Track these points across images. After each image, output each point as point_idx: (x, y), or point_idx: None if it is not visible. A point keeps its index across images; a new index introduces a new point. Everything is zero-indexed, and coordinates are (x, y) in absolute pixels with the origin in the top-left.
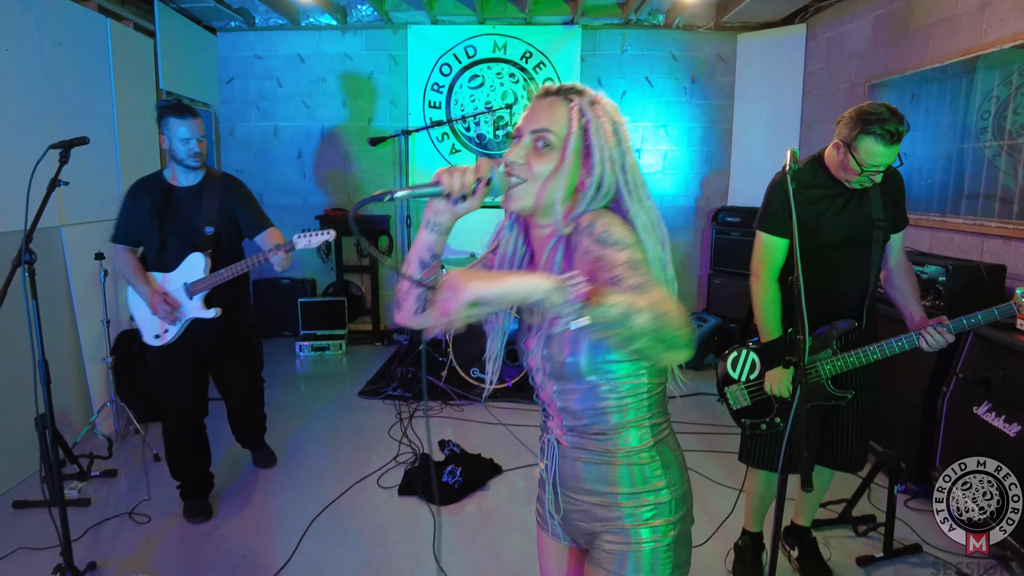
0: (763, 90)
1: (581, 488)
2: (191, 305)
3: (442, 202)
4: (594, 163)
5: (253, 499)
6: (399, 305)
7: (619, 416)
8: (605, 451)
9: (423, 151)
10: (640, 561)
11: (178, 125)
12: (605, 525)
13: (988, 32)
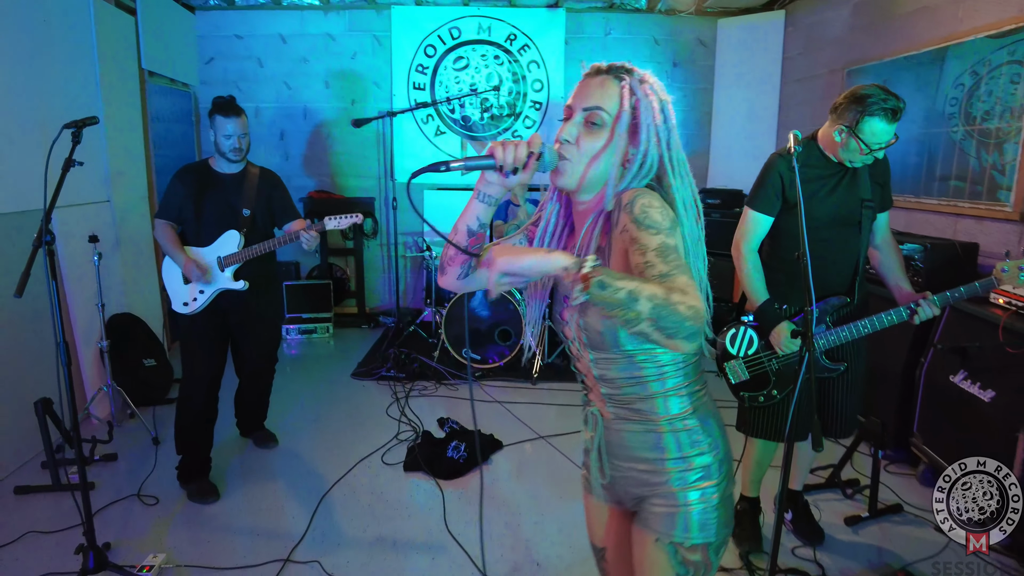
0: (742, 75)
1: (628, 456)
2: (222, 277)
3: (494, 174)
4: (641, 140)
5: (258, 479)
6: (443, 270)
7: (658, 385)
8: (647, 420)
9: (408, 133)
10: (689, 522)
11: (224, 123)
12: (654, 489)
13: (964, 21)
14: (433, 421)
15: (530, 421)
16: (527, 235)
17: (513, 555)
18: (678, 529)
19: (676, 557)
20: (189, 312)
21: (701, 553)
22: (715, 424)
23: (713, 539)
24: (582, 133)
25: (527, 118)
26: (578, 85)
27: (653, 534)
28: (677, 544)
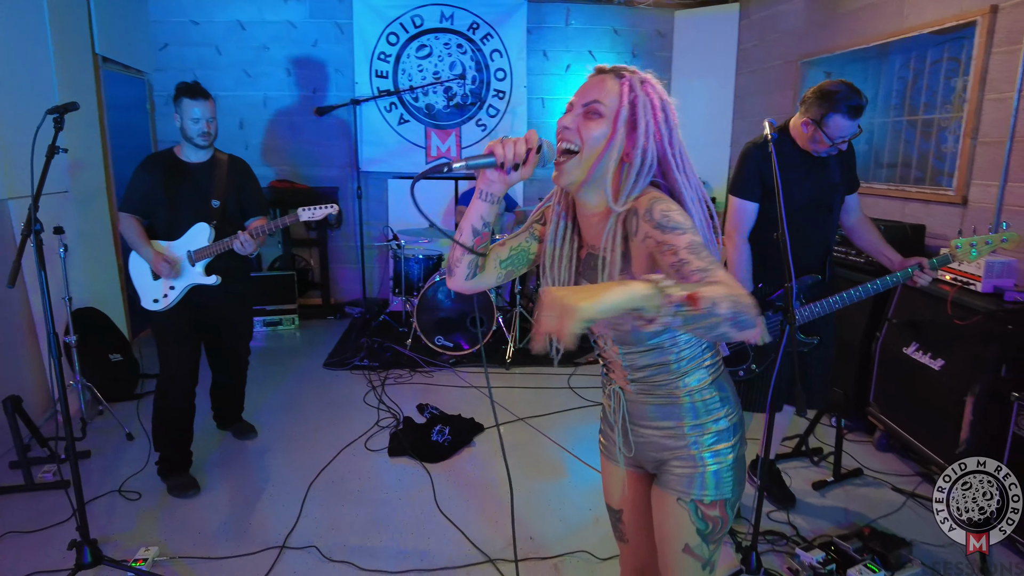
0: (699, 66)
1: (649, 424)
2: (192, 272)
3: (495, 172)
4: (639, 134)
5: (241, 470)
6: (451, 271)
7: (680, 364)
8: (669, 394)
9: (371, 121)
10: (707, 481)
11: (191, 106)
12: (673, 453)
13: (908, 18)
14: (411, 408)
15: (508, 404)
16: (535, 234)
17: (506, 531)
18: (697, 488)
19: (697, 513)
20: (160, 309)
21: (719, 509)
22: (729, 392)
23: (729, 496)
24: (581, 122)
25: (491, 107)
26: (580, 86)
27: (675, 494)
28: (697, 502)
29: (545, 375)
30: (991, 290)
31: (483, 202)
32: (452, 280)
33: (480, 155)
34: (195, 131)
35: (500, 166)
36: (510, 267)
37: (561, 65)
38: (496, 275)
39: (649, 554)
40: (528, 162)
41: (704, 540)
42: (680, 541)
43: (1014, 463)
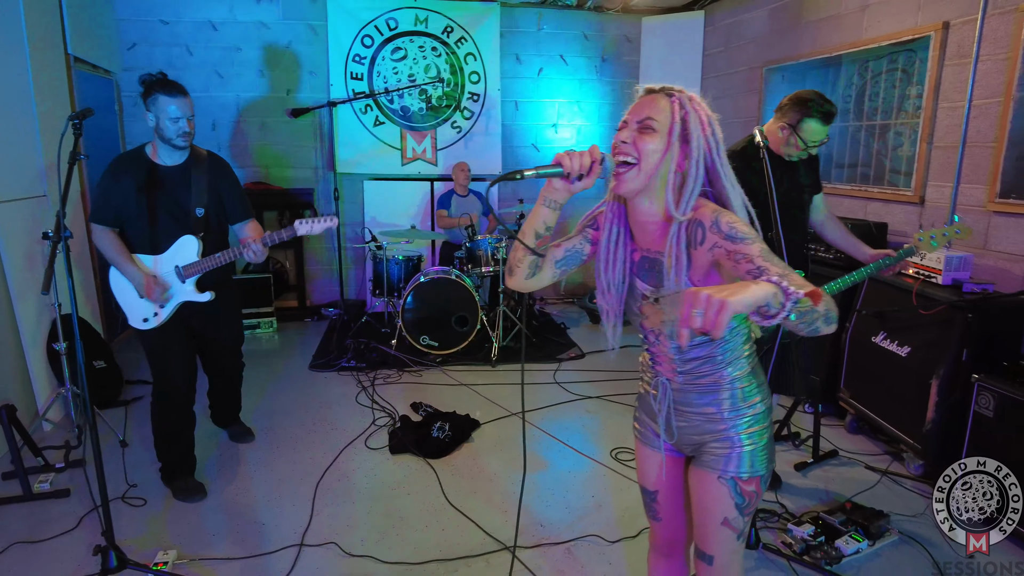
0: (665, 70)
1: (692, 410)
2: (183, 288)
3: (560, 181)
4: (693, 147)
5: (243, 472)
6: (512, 271)
7: (724, 356)
8: (713, 383)
9: (346, 123)
10: (744, 460)
11: (168, 103)
12: (714, 435)
13: (868, 30)
14: (405, 407)
15: (498, 400)
16: (588, 238)
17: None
18: (736, 466)
19: (736, 489)
20: (150, 327)
21: (754, 485)
22: (763, 378)
23: (762, 472)
24: (637, 137)
25: (466, 109)
26: (632, 105)
27: (715, 472)
28: (736, 478)
29: (530, 371)
30: (950, 282)
31: (546, 208)
32: (512, 280)
33: (548, 165)
34: (174, 131)
35: (566, 176)
36: (564, 267)
37: (533, 69)
38: (552, 274)
39: (680, 529)
40: (591, 173)
41: (741, 513)
42: (720, 515)
43: (975, 438)
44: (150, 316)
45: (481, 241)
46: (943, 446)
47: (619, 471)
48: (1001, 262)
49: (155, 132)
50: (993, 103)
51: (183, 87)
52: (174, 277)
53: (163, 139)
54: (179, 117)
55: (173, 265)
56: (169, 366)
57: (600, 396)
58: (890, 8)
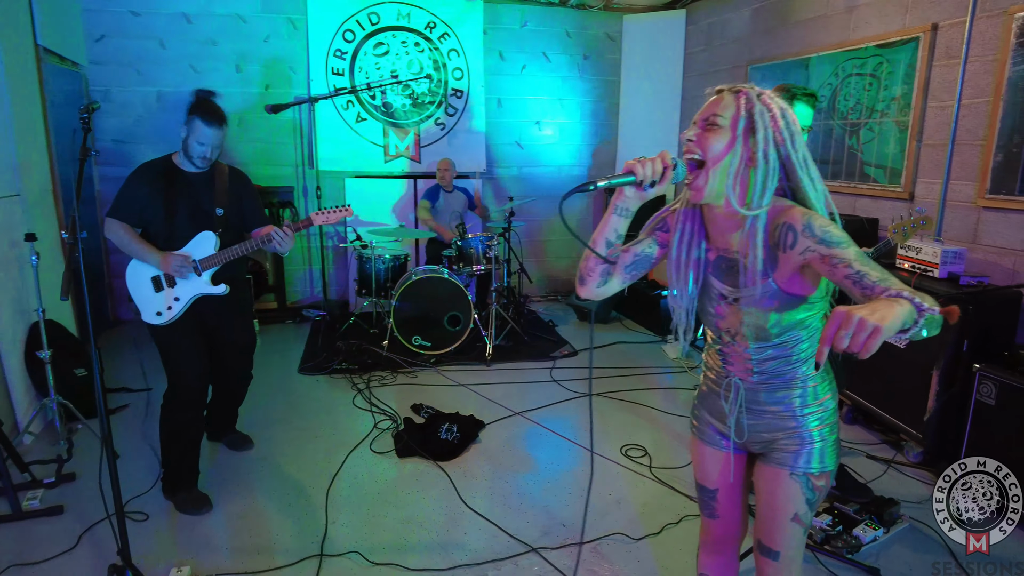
0: (647, 68)
1: (764, 410)
2: (199, 281)
3: (632, 189)
4: (759, 139)
5: (247, 482)
6: (583, 280)
7: (799, 356)
8: (785, 383)
9: (327, 119)
10: (812, 455)
11: (203, 130)
12: (785, 433)
13: (855, 31)
14: (403, 409)
15: (499, 400)
16: (657, 240)
17: (537, 520)
18: (808, 462)
19: (808, 484)
20: (164, 322)
21: (825, 479)
22: (832, 378)
23: (831, 467)
24: (702, 134)
25: (450, 106)
26: (703, 106)
27: (788, 468)
28: (808, 474)
29: (525, 370)
30: (946, 275)
31: (618, 216)
32: (584, 289)
33: (619, 174)
34: (197, 153)
35: (639, 184)
36: (634, 271)
37: (517, 65)
38: (621, 280)
39: (735, 526)
40: (664, 179)
41: (810, 508)
42: (791, 511)
43: (976, 426)
44: (163, 310)
45: (472, 240)
46: (943, 435)
47: (631, 468)
48: (991, 256)
49: (183, 143)
50: (982, 103)
51: (223, 117)
52: (192, 271)
53: (186, 154)
54: (207, 144)
55: (192, 259)
56: (183, 363)
57: (600, 393)
58: (877, 10)
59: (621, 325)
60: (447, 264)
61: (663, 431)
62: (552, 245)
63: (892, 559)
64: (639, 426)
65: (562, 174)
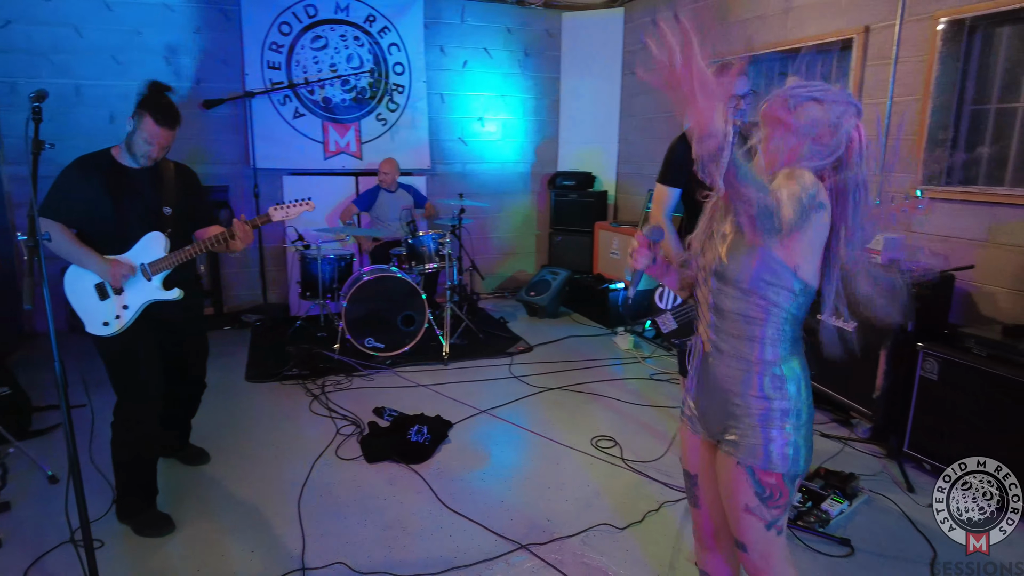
0: (586, 66)
1: (718, 387)
2: (150, 286)
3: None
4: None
5: (209, 498)
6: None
7: (761, 330)
8: (741, 357)
9: (264, 115)
10: (756, 450)
11: (154, 127)
12: (738, 420)
13: (792, 31)
14: (364, 413)
15: (462, 398)
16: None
17: (521, 517)
18: (753, 457)
19: (754, 478)
20: (113, 332)
21: (775, 479)
22: (802, 379)
23: (787, 471)
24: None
25: (391, 101)
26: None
27: (735, 457)
28: (755, 467)
29: (485, 367)
30: (888, 261)
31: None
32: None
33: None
34: (143, 152)
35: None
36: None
37: (458, 61)
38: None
39: (721, 518)
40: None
41: (763, 503)
42: (741, 502)
43: (920, 400)
44: (111, 319)
45: (424, 237)
46: (891, 410)
47: (604, 459)
48: (925, 242)
49: (126, 137)
50: (913, 100)
51: (178, 117)
52: (140, 275)
53: (129, 149)
54: (154, 144)
55: (139, 263)
56: (137, 373)
57: (561, 387)
58: (813, 11)
59: (570, 319)
60: (397, 263)
61: (628, 421)
62: (498, 242)
63: (858, 528)
64: (604, 417)
65: (506, 170)
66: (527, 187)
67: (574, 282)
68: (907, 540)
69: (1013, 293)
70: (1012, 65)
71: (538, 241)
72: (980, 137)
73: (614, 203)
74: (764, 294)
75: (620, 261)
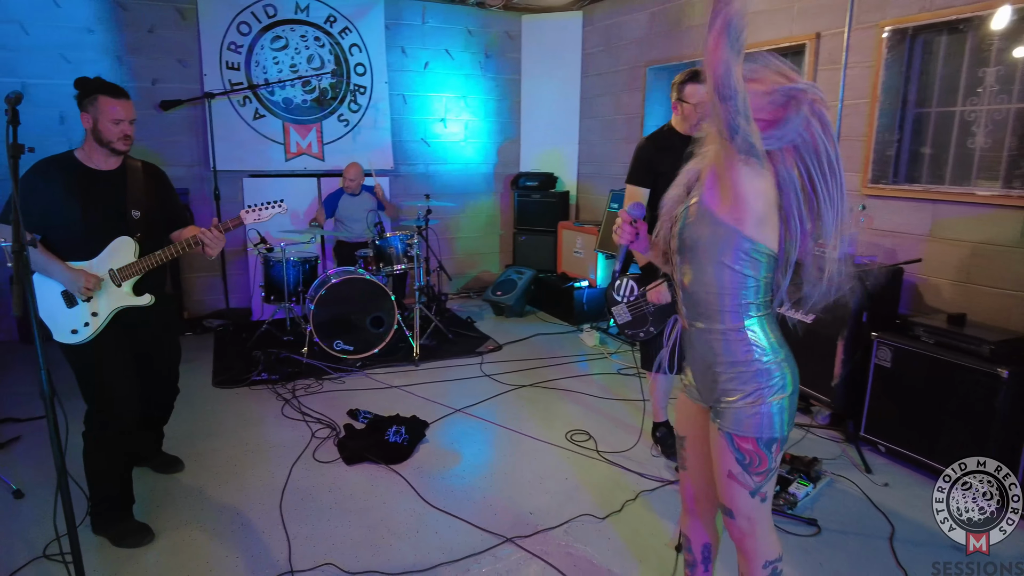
0: (546, 68)
1: (699, 359)
2: (119, 293)
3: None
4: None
5: (188, 506)
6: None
7: (722, 299)
8: (711, 328)
9: (223, 116)
10: (728, 415)
11: (111, 104)
12: (721, 388)
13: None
14: (338, 416)
15: (436, 398)
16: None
17: (504, 511)
18: (729, 422)
19: (733, 444)
20: (82, 340)
21: (751, 444)
22: (772, 342)
23: (759, 435)
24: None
25: (352, 102)
26: None
27: (717, 423)
28: (732, 434)
29: (456, 367)
30: (842, 256)
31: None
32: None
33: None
34: (116, 133)
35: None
36: None
37: (420, 62)
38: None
39: (705, 483)
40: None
41: (745, 470)
42: (725, 467)
43: (876, 386)
44: (80, 327)
45: (392, 238)
46: (848, 397)
47: (580, 452)
48: (875, 238)
49: (91, 135)
50: (862, 103)
51: (125, 90)
52: (109, 282)
53: (102, 142)
54: (123, 119)
55: (107, 269)
56: (113, 382)
57: (532, 384)
58: (767, 18)
59: (536, 317)
60: (363, 264)
61: (599, 415)
62: (462, 242)
63: (823, 508)
64: (576, 412)
65: (469, 171)
66: (490, 188)
67: (539, 281)
68: (867, 517)
69: (955, 284)
70: (950, 72)
71: (502, 241)
72: (923, 139)
73: (576, 203)
74: (720, 261)
75: (584, 260)
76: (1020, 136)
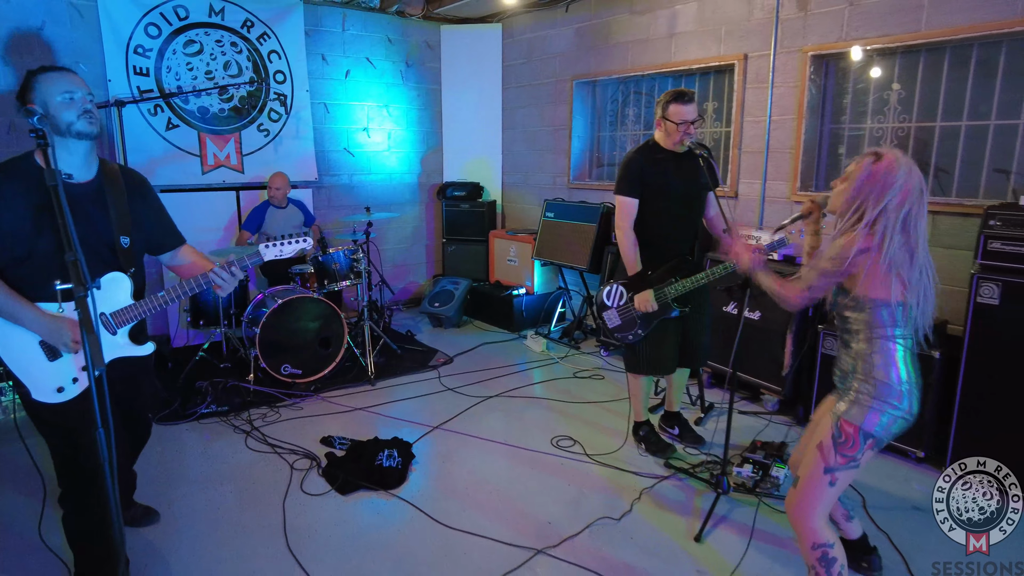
0: (467, 78)
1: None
2: (114, 342)
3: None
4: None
5: (183, 559)
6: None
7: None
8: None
9: (132, 125)
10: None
11: (55, 81)
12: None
13: (676, 55)
14: (309, 444)
15: (406, 417)
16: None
17: (523, 522)
18: (841, 406)
19: (836, 424)
20: (68, 399)
21: (852, 429)
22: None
23: (862, 424)
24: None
25: (272, 111)
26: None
27: (832, 406)
28: (841, 417)
29: (414, 383)
30: (782, 257)
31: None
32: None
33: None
34: (75, 112)
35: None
36: None
37: (341, 70)
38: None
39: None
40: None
41: (835, 447)
42: (819, 438)
43: (823, 374)
44: (67, 384)
45: (335, 254)
46: (797, 385)
47: (571, 458)
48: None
49: (52, 126)
50: (789, 119)
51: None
52: (102, 329)
53: (60, 129)
54: (73, 90)
55: (98, 313)
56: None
57: (498, 394)
58: (695, 38)
59: (474, 327)
60: (300, 282)
61: (576, 419)
62: (389, 254)
63: None
64: (552, 418)
65: (394, 181)
66: (415, 198)
67: (475, 291)
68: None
69: None
70: (858, 95)
71: (428, 252)
72: (840, 151)
73: (502, 212)
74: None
75: (519, 268)
76: (919, 151)
